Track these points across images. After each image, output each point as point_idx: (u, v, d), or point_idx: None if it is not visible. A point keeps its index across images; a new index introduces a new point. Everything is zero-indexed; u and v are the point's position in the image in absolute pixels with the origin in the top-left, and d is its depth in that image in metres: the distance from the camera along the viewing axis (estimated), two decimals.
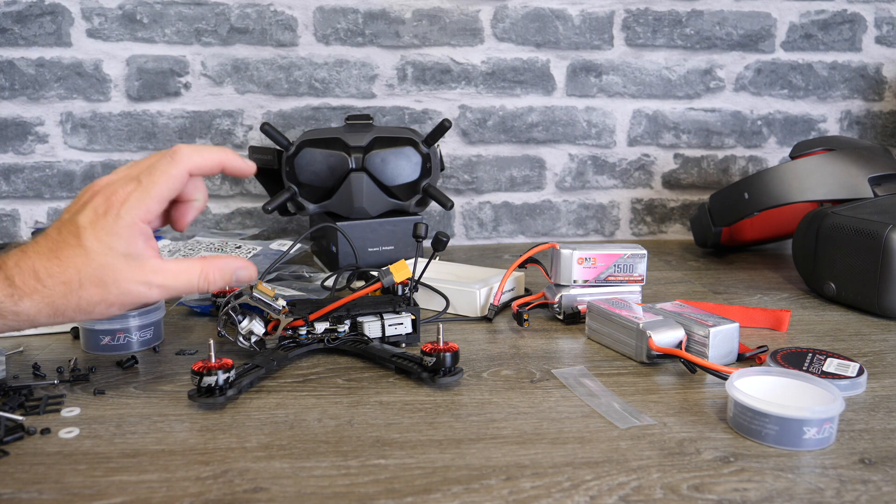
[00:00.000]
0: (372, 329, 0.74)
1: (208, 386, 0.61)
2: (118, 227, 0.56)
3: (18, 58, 1.18)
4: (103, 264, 0.55)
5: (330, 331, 0.74)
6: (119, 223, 0.56)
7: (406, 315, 0.75)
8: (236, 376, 0.63)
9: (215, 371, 0.61)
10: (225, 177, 1.26)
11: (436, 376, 0.65)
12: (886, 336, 0.80)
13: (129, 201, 0.56)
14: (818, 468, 0.52)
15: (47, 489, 0.49)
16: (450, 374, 0.65)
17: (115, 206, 0.56)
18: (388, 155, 1.04)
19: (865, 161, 1.00)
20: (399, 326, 0.74)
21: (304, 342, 0.73)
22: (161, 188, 0.58)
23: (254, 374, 0.65)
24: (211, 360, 0.61)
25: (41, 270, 0.55)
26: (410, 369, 0.67)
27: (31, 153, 1.21)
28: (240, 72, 1.22)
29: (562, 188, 1.33)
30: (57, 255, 0.55)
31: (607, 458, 0.53)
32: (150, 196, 0.57)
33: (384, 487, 0.49)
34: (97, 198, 0.57)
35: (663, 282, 1.04)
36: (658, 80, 1.31)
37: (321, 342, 0.73)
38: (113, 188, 0.57)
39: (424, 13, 1.24)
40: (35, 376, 0.68)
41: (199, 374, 0.61)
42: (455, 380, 0.65)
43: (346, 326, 0.74)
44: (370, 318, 0.74)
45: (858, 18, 1.32)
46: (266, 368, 0.67)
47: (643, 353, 0.71)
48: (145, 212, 0.57)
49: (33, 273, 0.55)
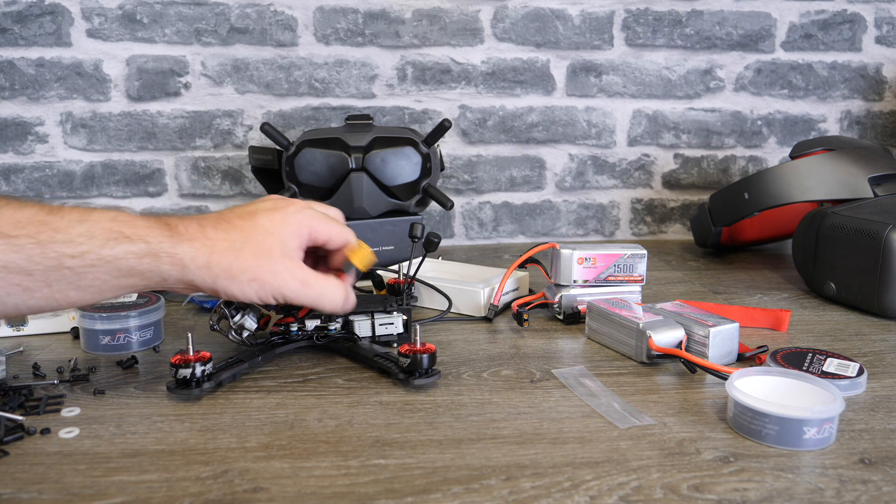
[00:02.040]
0: (362, 328, 0.74)
1: (184, 378, 0.61)
2: (289, 221, 0.62)
3: (18, 58, 1.18)
4: (268, 242, 0.60)
5: (320, 328, 0.74)
6: (289, 219, 0.62)
7: (398, 315, 0.75)
8: (216, 370, 0.64)
9: (192, 363, 0.61)
10: (225, 177, 1.26)
11: (411, 377, 0.64)
12: (886, 336, 0.80)
13: (303, 213, 0.63)
14: (818, 468, 0.52)
15: (47, 489, 0.49)
16: (426, 376, 0.64)
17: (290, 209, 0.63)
18: (388, 155, 1.04)
19: (865, 161, 1.00)
20: (390, 326, 0.74)
21: (293, 338, 0.73)
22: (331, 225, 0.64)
23: (236, 368, 0.66)
24: (189, 352, 0.62)
25: (208, 226, 0.59)
26: (389, 369, 0.66)
27: (31, 153, 1.21)
28: (240, 72, 1.22)
29: (562, 188, 1.33)
30: (227, 220, 0.60)
31: (607, 458, 0.53)
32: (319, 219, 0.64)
33: (384, 487, 0.49)
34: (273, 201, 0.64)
35: (663, 282, 1.04)
36: (658, 80, 1.31)
37: (310, 339, 0.73)
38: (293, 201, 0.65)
39: (424, 13, 1.24)
40: (35, 376, 0.68)
41: (175, 367, 0.61)
42: (431, 381, 0.65)
43: (337, 324, 0.74)
44: (361, 317, 0.74)
45: (858, 18, 1.32)
46: (250, 363, 0.67)
47: (643, 353, 0.71)
48: (311, 227, 0.63)
49: (199, 226, 0.59)
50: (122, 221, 0.55)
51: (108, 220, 0.54)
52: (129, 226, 0.55)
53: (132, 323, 0.74)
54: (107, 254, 0.54)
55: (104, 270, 0.54)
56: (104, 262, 0.54)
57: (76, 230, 0.53)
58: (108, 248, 0.54)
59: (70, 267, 0.53)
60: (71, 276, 0.53)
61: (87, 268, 0.53)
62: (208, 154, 1.25)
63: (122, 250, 0.54)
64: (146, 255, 0.55)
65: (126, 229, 0.55)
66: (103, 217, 0.54)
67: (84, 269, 0.53)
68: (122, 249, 0.54)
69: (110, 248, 0.54)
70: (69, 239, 0.52)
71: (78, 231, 0.53)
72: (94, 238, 0.53)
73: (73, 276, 0.53)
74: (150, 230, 0.56)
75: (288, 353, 0.74)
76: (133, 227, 0.55)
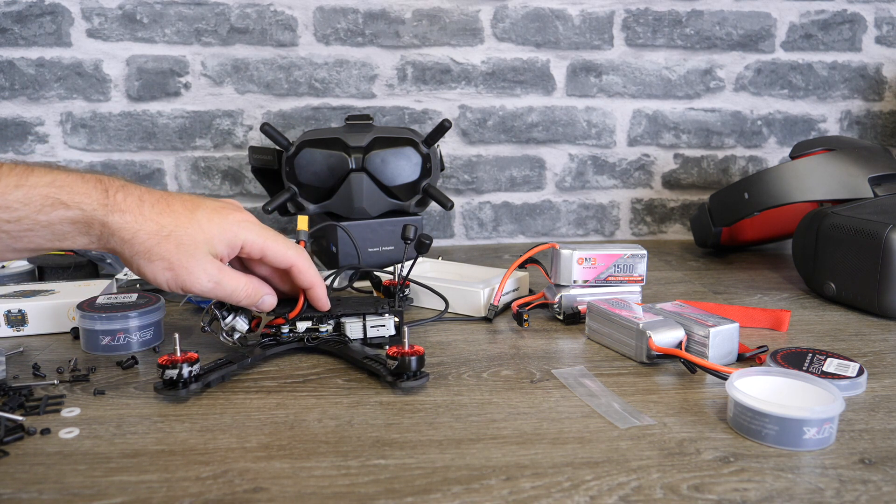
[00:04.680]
0: (353, 330, 0.73)
1: (170, 378, 0.61)
2: (225, 226, 0.62)
3: (18, 58, 1.18)
4: (196, 237, 0.61)
5: (311, 330, 0.73)
6: (226, 224, 0.63)
7: (389, 318, 0.74)
8: (204, 371, 0.64)
9: (179, 364, 0.61)
10: (225, 177, 1.26)
11: (399, 380, 0.64)
12: (886, 336, 0.80)
13: (247, 223, 0.64)
14: (818, 468, 0.52)
15: (47, 489, 0.49)
16: (413, 379, 0.64)
17: (232, 217, 0.63)
18: (388, 155, 1.04)
19: (865, 161, 1.00)
20: (381, 328, 0.74)
21: (285, 340, 0.73)
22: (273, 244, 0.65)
23: (225, 369, 0.66)
24: (176, 353, 0.62)
25: (147, 202, 0.60)
26: (378, 371, 0.66)
27: (31, 153, 1.21)
28: (240, 72, 1.22)
29: (562, 188, 1.33)
30: (168, 203, 0.61)
31: (607, 458, 0.53)
32: (256, 234, 0.64)
33: (384, 487, 0.49)
34: (232, 204, 0.66)
35: (663, 282, 1.04)
36: (658, 80, 1.31)
37: (301, 341, 0.73)
38: (243, 211, 0.66)
39: (424, 13, 1.24)
40: (35, 376, 0.68)
41: (162, 367, 0.61)
42: (419, 384, 0.64)
43: (329, 326, 0.74)
44: (353, 318, 0.74)
45: (858, 18, 1.32)
46: (239, 365, 0.67)
47: (643, 353, 0.71)
48: (246, 239, 0.64)
49: (138, 200, 0.59)
50: (60, 186, 0.57)
51: (45, 184, 0.56)
52: (66, 191, 0.57)
53: (132, 323, 0.74)
54: (42, 219, 0.56)
55: (40, 234, 0.57)
56: (40, 227, 0.56)
57: (13, 196, 0.55)
58: (44, 213, 0.56)
59: (6, 231, 0.56)
60: (7, 238, 0.56)
61: (23, 232, 0.56)
62: (208, 154, 1.25)
63: (56, 216, 0.56)
64: (80, 220, 0.57)
65: (63, 195, 0.56)
66: (41, 181, 0.56)
67: (20, 232, 0.56)
68: (57, 215, 0.56)
69: (46, 214, 0.56)
70: (6, 204, 0.55)
71: (14, 197, 0.55)
72: (30, 204, 0.56)
73: (8, 238, 0.56)
74: (87, 196, 0.57)
75: (286, 353, 0.74)
76: (71, 191, 0.57)
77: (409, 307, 0.89)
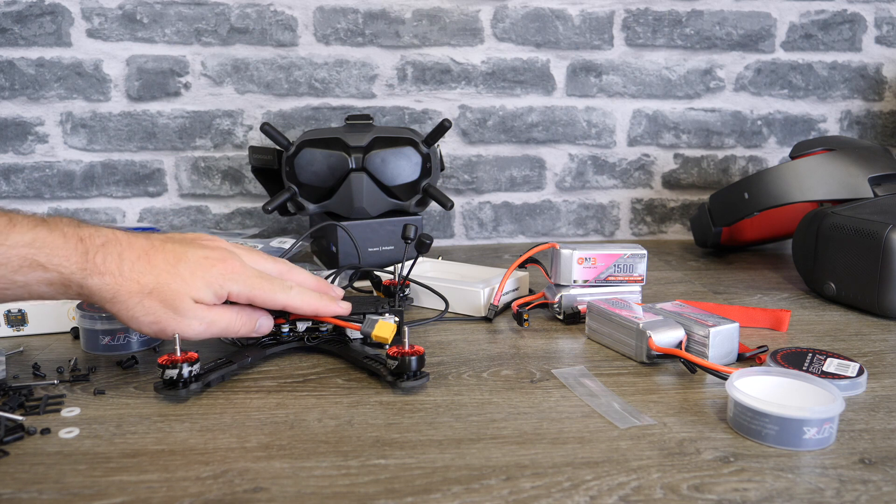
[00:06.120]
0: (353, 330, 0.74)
1: (170, 378, 0.61)
2: (209, 276, 0.62)
3: (18, 58, 1.18)
4: (180, 290, 0.60)
5: (311, 329, 0.73)
6: (209, 275, 0.62)
7: (389, 318, 0.74)
8: (204, 370, 0.64)
9: (179, 364, 0.61)
10: (225, 177, 1.26)
11: (399, 380, 0.64)
12: (886, 336, 0.80)
13: (232, 276, 0.63)
14: (818, 468, 0.52)
15: (47, 489, 0.49)
16: (414, 378, 0.64)
17: (220, 268, 0.63)
18: (388, 155, 1.04)
19: (865, 161, 1.00)
20: None
21: (285, 340, 0.73)
22: (260, 293, 0.64)
23: (224, 369, 0.66)
24: (176, 353, 0.62)
25: (127, 261, 0.59)
26: (378, 371, 0.66)
27: (31, 153, 1.21)
28: (240, 72, 1.22)
29: (562, 188, 1.33)
30: (149, 259, 0.60)
31: (607, 458, 0.53)
32: (248, 285, 0.64)
33: (384, 487, 0.49)
34: (218, 252, 0.64)
35: (663, 282, 1.04)
36: (658, 80, 1.31)
37: (301, 340, 0.73)
38: (234, 258, 0.64)
39: (424, 13, 1.24)
40: (35, 376, 0.68)
41: (162, 367, 0.61)
42: (420, 384, 0.64)
43: (329, 326, 0.74)
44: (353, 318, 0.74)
45: (858, 18, 1.32)
46: (239, 364, 0.67)
47: (643, 353, 0.71)
48: (231, 290, 0.63)
49: (118, 259, 0.59)
50: (40, 248, 0.56)
51: (25, 244, 0.56)
52: (45, 252, 0.57)
53: None
54: (19, 279, 0.56)
55: (15, 293, 0.57)
56: (16, 287, 0.57)
57: None
58: (21, 274, 0.56)
59: None
60: None
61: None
62: (208, 154, 1.25)
63: (34, 277, 0.57)
64: (57, 282, 0.57)
65: (41, 257, 0.56)
66: (21, 240, 0.56)
67: None
68: (34, 276, 0.57)
69: (23, 275, 0.56)
70: None
71: None
72: (7, 264, 0.56)
73: None
74: (66, 259, 0.57)
75: (286, 353, 0.74)
76: (50, 254, 0.57)
77: (410, 307, 0.89)
